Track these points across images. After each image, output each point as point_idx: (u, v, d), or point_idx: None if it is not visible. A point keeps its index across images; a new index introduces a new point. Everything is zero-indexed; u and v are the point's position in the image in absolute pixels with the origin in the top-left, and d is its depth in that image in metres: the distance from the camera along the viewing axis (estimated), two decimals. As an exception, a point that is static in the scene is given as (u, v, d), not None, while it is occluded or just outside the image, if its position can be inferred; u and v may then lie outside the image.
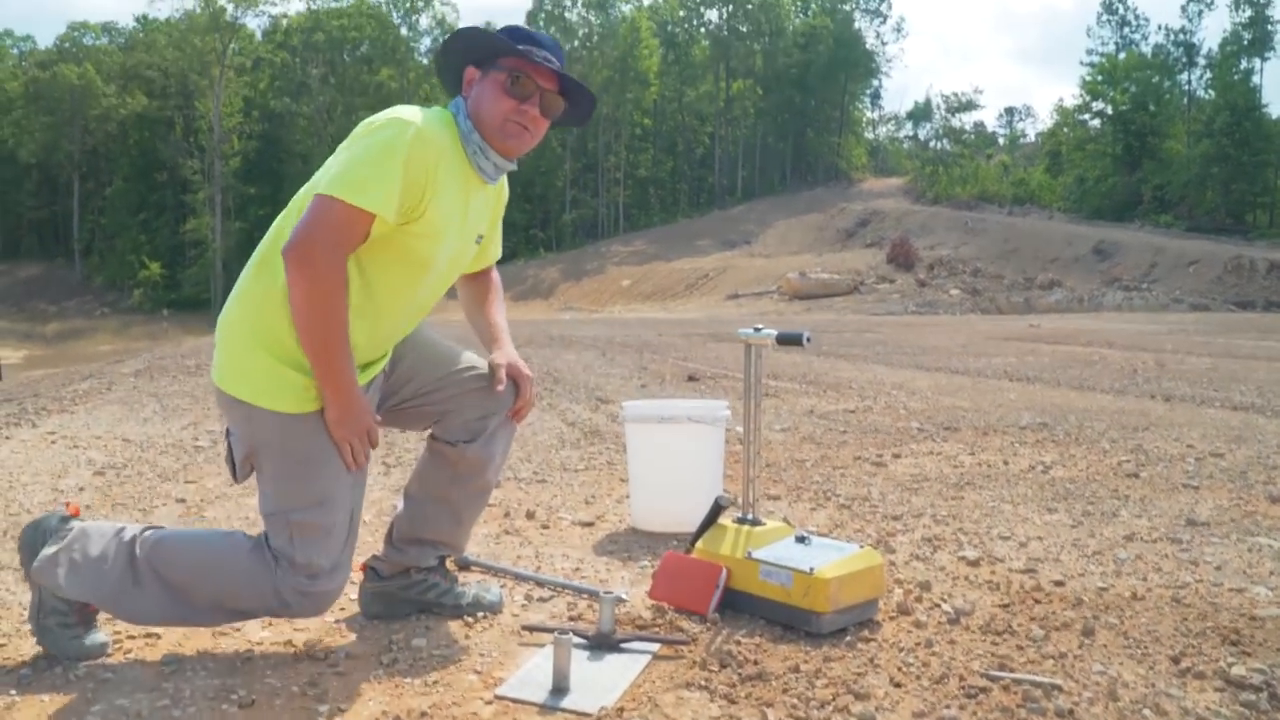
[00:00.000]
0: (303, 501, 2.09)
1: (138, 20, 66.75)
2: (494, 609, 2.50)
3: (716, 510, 2.62)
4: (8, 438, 5.36)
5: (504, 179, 2.37)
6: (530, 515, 3.57)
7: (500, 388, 2.34)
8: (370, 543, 2.98)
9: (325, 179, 2.02)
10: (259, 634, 2.30)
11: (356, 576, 2.45)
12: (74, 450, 5.03)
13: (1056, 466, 4.44)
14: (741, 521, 2.62)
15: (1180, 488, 3.96)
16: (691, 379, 8.79)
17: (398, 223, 2.04)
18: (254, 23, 63.05)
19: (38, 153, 61.79)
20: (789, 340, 2.55)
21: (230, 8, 58.75)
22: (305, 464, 2.09)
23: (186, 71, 59.17)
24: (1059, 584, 2.69)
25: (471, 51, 2.20)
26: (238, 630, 2.32)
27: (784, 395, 7.29)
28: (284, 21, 62.90)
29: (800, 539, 2.54)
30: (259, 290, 2.11)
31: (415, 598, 2.45)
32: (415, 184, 2.02)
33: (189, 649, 2.20)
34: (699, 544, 2.60)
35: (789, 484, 4.16)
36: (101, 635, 2.15)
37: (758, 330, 2.62)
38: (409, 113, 2.07)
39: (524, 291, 46.73)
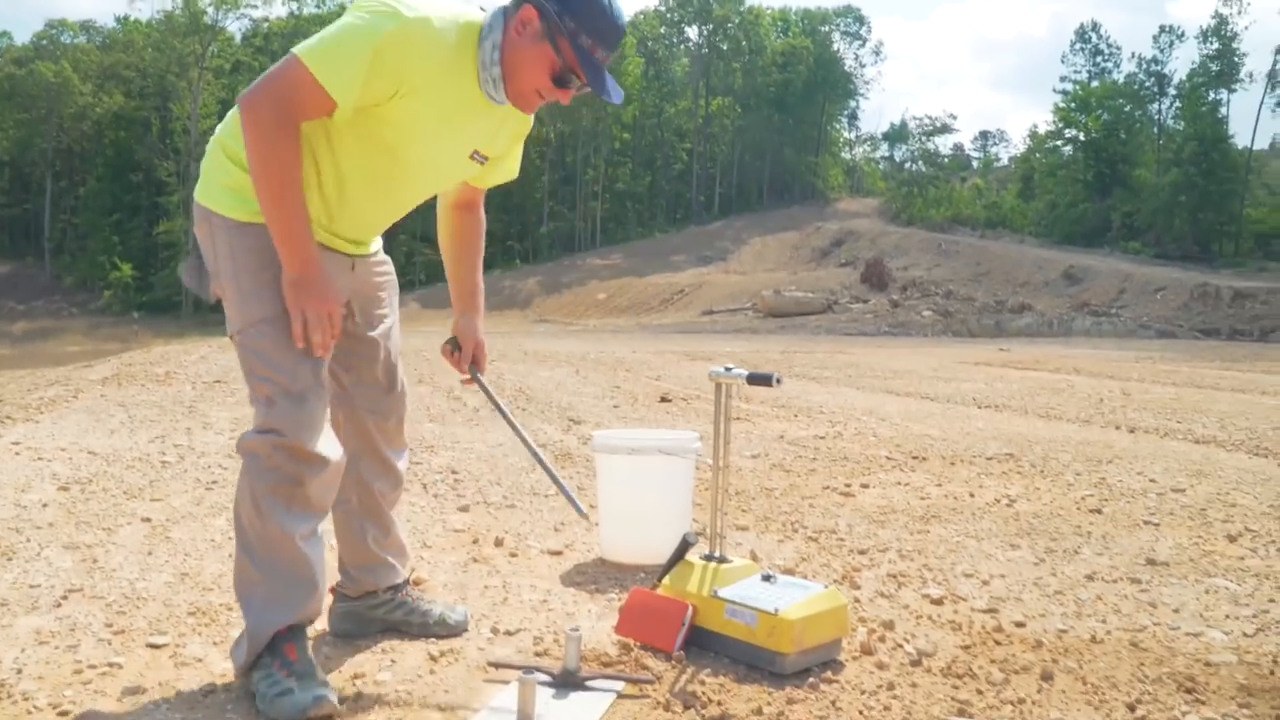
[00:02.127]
0: (252, 316, 2.08)
1: (117, 20, 66.33)
2: (460, 628, 2.57)
3: (684, 547, 2.64)
4: (-29, 449, 5.30)
5: (519, 115, 2.29)
6: (499, 543, 3.57)
7: (464, 368, 2.55)
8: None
9: (305, 41, 2.00)
10: (222, 665, 2.29)
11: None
12: (38, 462, 4.98)
13: (1021, 500, 4.49)
14: (709, 559, 2.63)
15: (1141, 524, 4.02)
16: (664, 399, 8.81)
17: (358, 108, 2.02)
18: (234, 26, 62.76)
19: (10, 150, 61.26)
20: (759, 381, 2.57)
21: (211, 10, 58.44)
22: (251, 274, 2.08)
23: (164, 73, 58.75)
24: (1020, 625, 2.72)
25: (544, 1, 2.03)
26: (199, 661, 2.31)
27: (755, 419, 7.32)
28: (264, 25, 62.64)
29: (766, 577, 2.56)
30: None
31: (383, 616, 2.53)
32: (384, 77, 1.98)
33: (150, 681, 2.19)
34: (665, 581, 2.61)
35: (757, 514, 4.18)
36: (319, 690, 2.00)
37: (728, 370, 2.65)
38: (409, 4, 1.98)
39: (500, 302, 46.60)
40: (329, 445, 2.12)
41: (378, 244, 2.47)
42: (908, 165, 67.78)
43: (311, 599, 2.12)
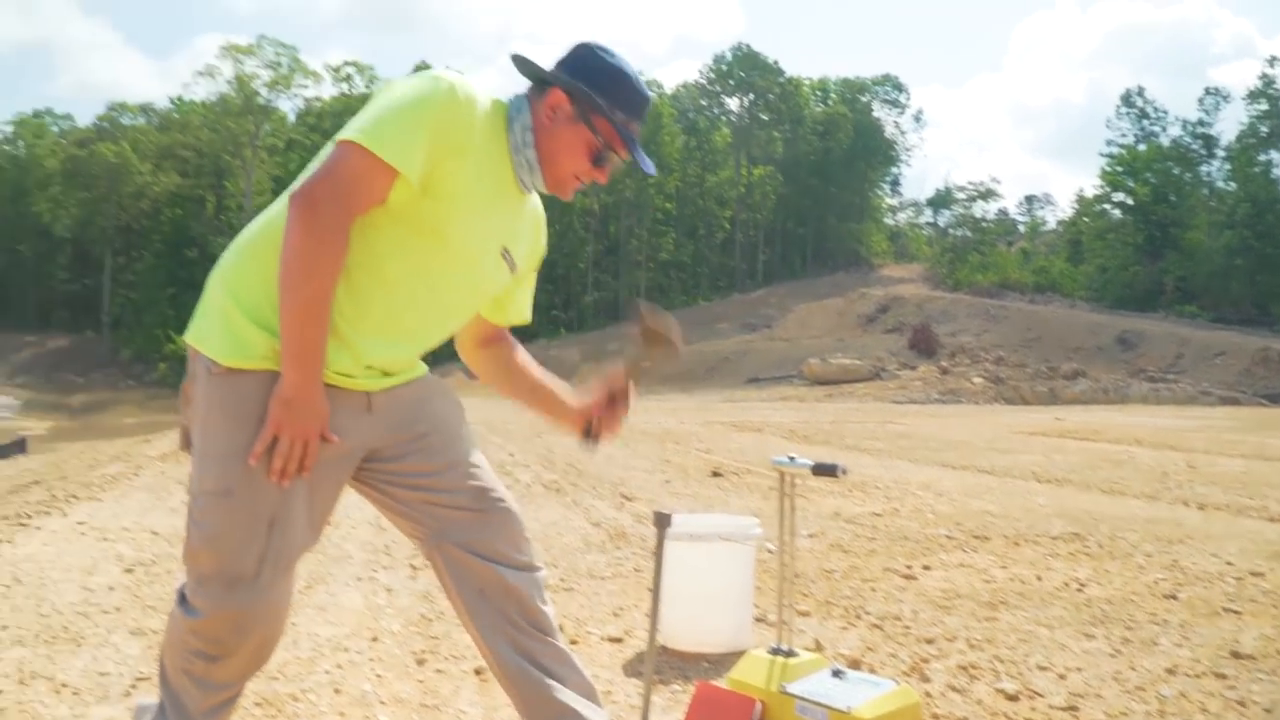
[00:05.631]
0: (206, 484, 1.83)
1: (173, 101, 68.42)
2: None
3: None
4: (38, 528, 5.38)
5: (542, 224, 2.20)
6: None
7: (618, 407, 2.25)
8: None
9: (349, 125, 1.83)
10: (290, 765, 2.27)
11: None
12: (103, 543, 5.04)
13: (1091, 584, 4.37)
14: (776, 652, 2.59)
15: (1221, 612, 3.88)
16: (716, 474, 8.76)
17: (420, 184, 1.83)
18: (287, 105, 64.69)
19: (72, 227, 63.15)
20: (824, 472, 2.54)
21: (264, 91, 60.32)
22: (219, 435, 1.83)
23: (219, 151, 60.56)
24: (1101, 723, 2.64)
25: (573, 82, 1.96)
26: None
27: (809, 495, 7.24)
28: (316, 104, 64.43)
29: (836, 673, 2.50)
30: (259, 242, 1.90)
31: None
32: (442, 142, 1.83)
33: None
34: (732, 675, 2.56)
35: (819, 598, 4.11)
36: None
37: (792, 459, 2.62)
38: (446, 70, 1.91)
39: (545, 372, 46.84)
40: (252, 636, 1.92)
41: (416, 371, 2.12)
42: (952, 231, 67.61)
43: None
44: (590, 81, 1.96)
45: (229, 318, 1.85)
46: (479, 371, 2.31)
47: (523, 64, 2.02)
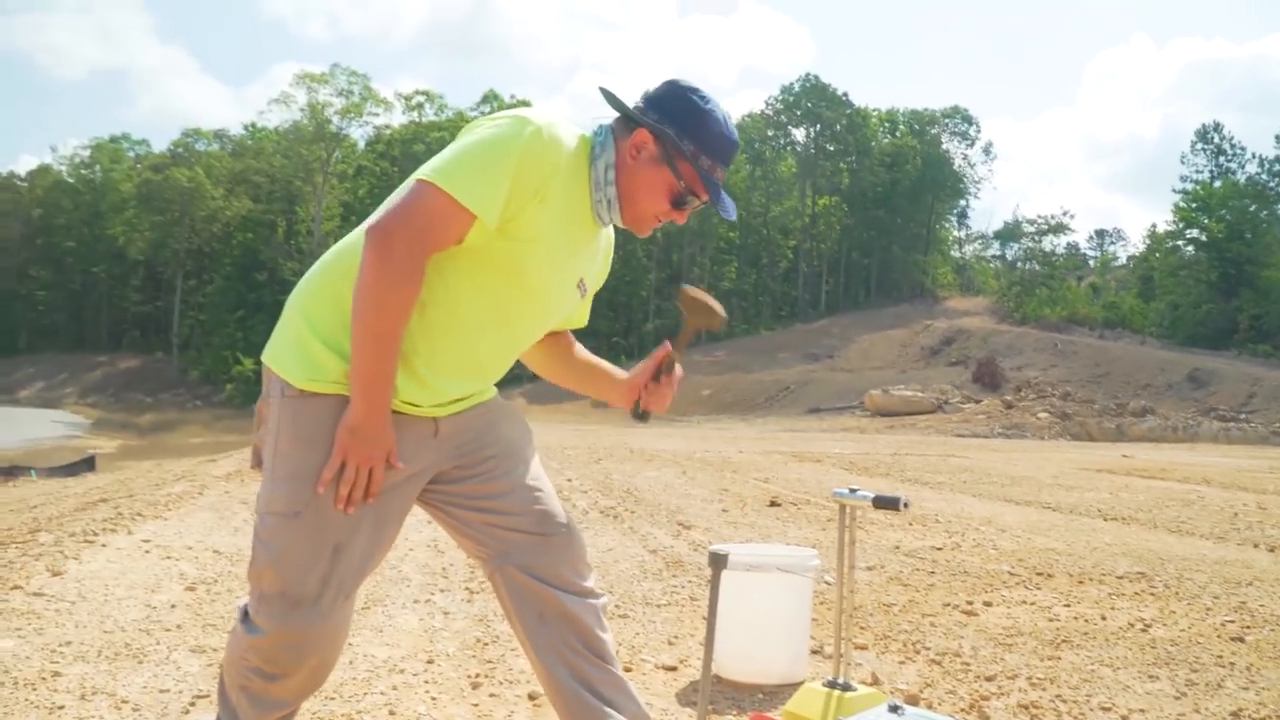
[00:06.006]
0: (275, 504, 1.89)
1: (247, 128, 70.33)
2: None
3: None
4: (104, 545, 5.51)
5: (612, 245, 2.23)
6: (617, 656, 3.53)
7: (668, 378, 2.28)
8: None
9: (429, 165, 1.85)
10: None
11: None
12: (167, 561, 5.14)
13: (1157, 625, 4.26)
14: (832, 685, 2.56)
15: (1292, 657, 3.76)
16: (774, 503, 8.69)
17: (497, 228, 1.85)
18: (358, 133, 66.21)
19: (146, 250, 65.11)
20: (886, 505, 2.52)
21: (335, 119, 61.77)
22: (289, 456, 1.88)
23: (291, 177, 62.05)
24: (1167, 769, 2.56)
25: (660, 126, 1.95)
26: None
27: (868, 527, 7.15)
28: (386, 132, 65.75)
29: (893, 708, 2.46)
30: (334, 268, 1.94)
31: None
32: (524, 188, 1.84)
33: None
34: (788, 707, 2.54)
35: (876, 631, 4.06)
36: None
37: (853, 492, 2.60)
38: (533, 112, 1.91)
39: (604, 399, 46.92)
40: (310, 657, 1.97)
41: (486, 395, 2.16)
42: (1020, 264, 66.59)
43: None
44: (677, 124, 1.96)
45: (303, 341, 1.91)
46: (531, 363, 2.33)
47: (611, 99, 2.02)
